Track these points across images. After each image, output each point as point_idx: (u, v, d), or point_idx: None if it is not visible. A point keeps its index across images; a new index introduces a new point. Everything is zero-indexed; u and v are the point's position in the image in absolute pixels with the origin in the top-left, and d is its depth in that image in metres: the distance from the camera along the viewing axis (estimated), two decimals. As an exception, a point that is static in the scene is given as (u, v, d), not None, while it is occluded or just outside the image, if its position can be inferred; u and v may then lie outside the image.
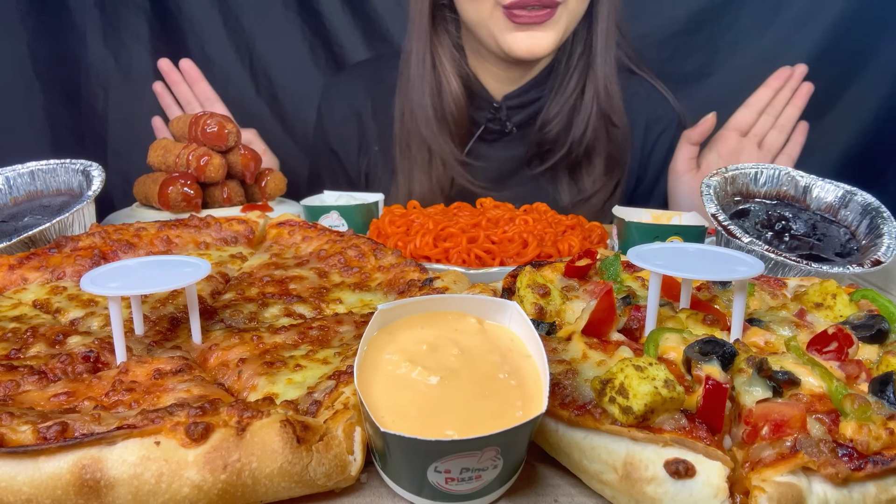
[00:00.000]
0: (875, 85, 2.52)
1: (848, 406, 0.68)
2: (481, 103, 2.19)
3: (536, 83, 2.16)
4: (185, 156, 1.73)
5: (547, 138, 2.16)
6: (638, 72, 2.29)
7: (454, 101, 2.12)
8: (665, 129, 2.29)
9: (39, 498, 0.66)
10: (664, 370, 0.71)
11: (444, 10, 2.11)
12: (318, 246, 1.29)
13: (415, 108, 2.15)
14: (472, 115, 2.19)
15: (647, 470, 0.67)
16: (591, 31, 2.09)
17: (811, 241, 1.37)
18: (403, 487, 0.72)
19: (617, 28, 2.11)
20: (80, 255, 1.20)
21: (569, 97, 2.13)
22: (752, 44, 2.56)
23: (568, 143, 2.14)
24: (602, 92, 2.11)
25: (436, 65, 2.12)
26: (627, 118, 2.20)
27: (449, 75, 2.11)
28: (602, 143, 2.17)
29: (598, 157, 2.18)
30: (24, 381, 0.82)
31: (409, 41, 2.16)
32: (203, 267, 0.89)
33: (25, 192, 1.59)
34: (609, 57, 2.10)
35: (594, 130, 2.13)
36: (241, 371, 0.86)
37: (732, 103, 2.06)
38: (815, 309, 0.94)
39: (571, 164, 2.19)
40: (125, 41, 2.63)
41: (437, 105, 2.12)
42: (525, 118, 2.19)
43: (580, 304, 0.95)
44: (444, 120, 2.13)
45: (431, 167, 2.16)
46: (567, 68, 2.13)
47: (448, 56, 2.12)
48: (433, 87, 2.12)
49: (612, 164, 2.20)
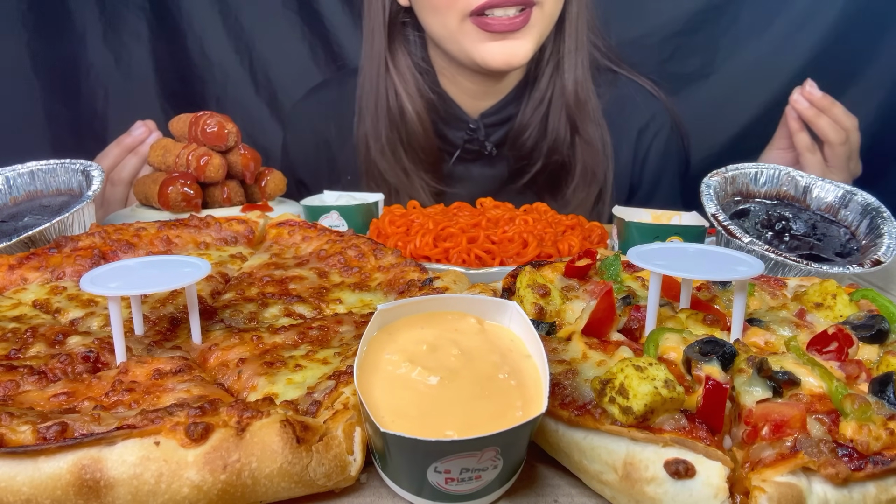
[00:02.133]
0: (875, 85, 2.52)
1: (848, 406, 0.68)
2: (457, 124, 2.06)
3: (513, 98, 2.05)
4: (185, 156, 1.73)
5: (523, 151, 2.05)
6: (620, 70, 2.18)
7: (419, 128, 1.98)
8: (658, 133, 2.18)
9: (39, 498, 0.66)
10: (664, 370, 0.71)
11: (406, 29, 1.98)
12: (318, 246, 1.29)
13: (369, 138, 2.01)
14: (448, 136, 2.07)
15: (647, 470, 0.67)
16: (560, 33, 1.97)
17: (811, 241, 1.37)
18: (403, 488, 0.72)
19: (589, 30, 2.01)
20: (80, 255, 1.19)
21: (539, 104, 2.01)
22: (752, 44, 2.56)
23: (544, 153, 2.03)
24: (571, 98, 1.99)
25: (395, 89, 1.97)
26: (618, 124, 2.10)
27: (412, 101, 1.97)
28: (577, 154, 2.05)
29: (574, 167, 2.06)
30: (24, 381, 0.82)
31: (364, 68, 2.02)
32: (203, 267, 0.89)
33: (25, 192, 1.59)
34: (580, 61, 1.99)
35: (565, 139, 2.02)
36: (240, 371, 0.85)
37: (732, 103, 2.06)
38: (815, 309, 0.94)
39: (550, 177, 2.08)
40: (125, 41, 2.63)
41: (402, 131, 1.99)
42: (503, 135, 2.07)
43: (580, 304, 0.95)
44: (409, 147, 2.00)
45: (400, 198, 2.01)
46: (537, 74, 2.02)
47: (410, 80, 1.98)
48: (391, 114, 1.98)
49: (589, 176, 2.07)
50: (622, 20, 2.41)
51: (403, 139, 2.00)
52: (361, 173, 2.11)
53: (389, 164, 2.01)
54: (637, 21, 2.44)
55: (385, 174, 2.03)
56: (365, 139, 2.05)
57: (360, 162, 2.09)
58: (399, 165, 2.02)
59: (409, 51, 2.00)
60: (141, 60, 2.64)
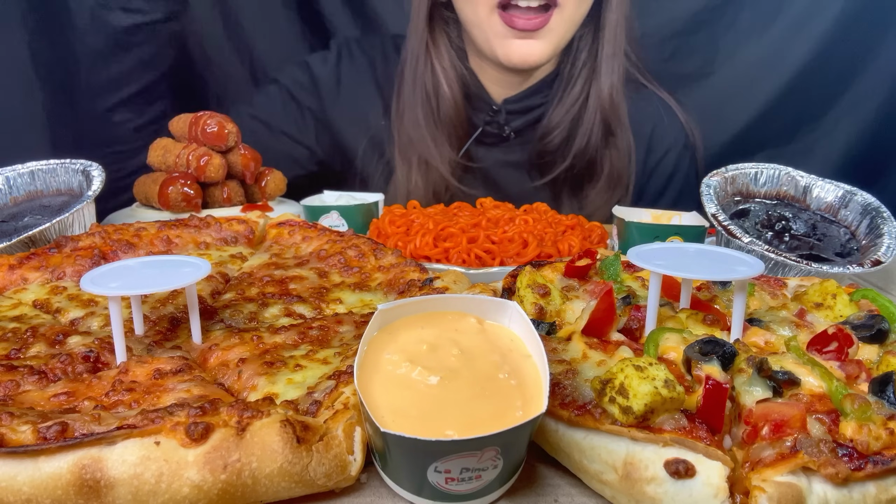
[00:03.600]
0: (875, 85, 2.52)
1: (848, 406, 0.68)
2: (480, 105, 2.16)
3: (538, 89, 2.13)
4: (185, 156, 1.73)
5: (548, 149, 2.12)
6: (648, 85, 2.22)
7: (451, 102, 2.09)
8: (670, 149, 2.23)
9: (39, 498, 0.66)
10: (664, 370, 0.71)
11: (443, 10, 2.09)
12: (318, 246, 1.29)
13: (405, 108, 2.12)
14: (471, 117, 2.16)
15: (647, 470, 0.67)
16: (597, 38, 2.04)
17: (811, 241, 1.37)
18: (403, 487, 0.72)
19: (626, 36, 2.07)
20: (80, 255, 1.19)
21: (571, 106, 2.09)
22: (752, 44, 2.56)
23: (570, 156, 2.10)
24: (607, 102, 2.06)
25: (432, 65, 2.09)
26: (636, 135, 2.15)
27: (446, 75, 2.08)
28: (606, 157, 2.12)
29: (601, 171, 2.13)
30: (24, 381, 0.82)
31: (408, 41, 2.14)
32: (203, 267, 0.89)
33: (25, 192, 1.59)
34: (616, 66, 2.06)
35: (597, 142, 2.08)
36: (241, 371, 0.85)
37: (732, 103, 2.06)
38: (815, 309, 0.94)
39: (574, 178, 2.15)
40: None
41: (434, 106, 2.10)
42: (524, 124, 2.15)
43: (580, 304, 0.95)
44: (439, 121, 2.11)
45: (429, 169, 2.13)
46: (571, 75, 2.09)
47: (445, 56, 2.09)
48: (427, 88, 2.09)
49: (614, 180, 2.15)
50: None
51: (435, 113, 2.11)
52: (395, 144, 2.20)
53: (421, 135, 2.12)
54: (637, 21, 2.43)
55: (416, 146, 2.13)
56: (401, 110, 2.15)
57: (395, 134, 2.19)
58: (430, 137, 2.12)
59: (447, 30, 2.11)
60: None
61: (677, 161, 2.21)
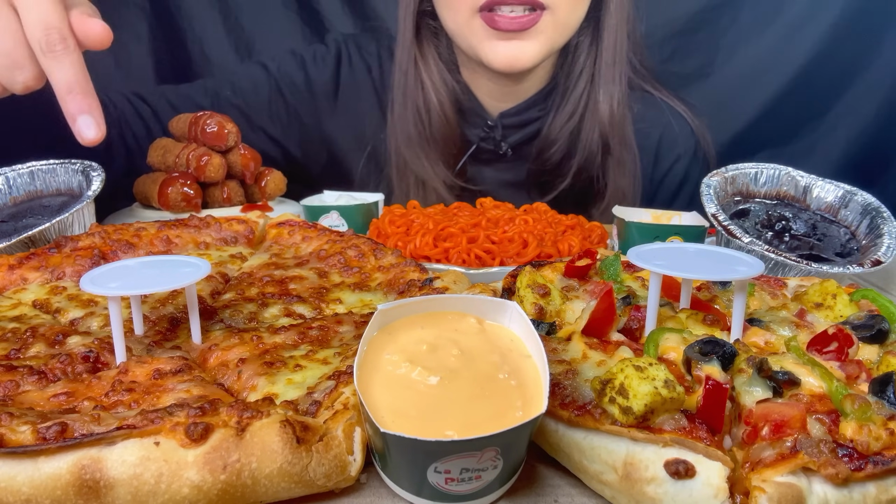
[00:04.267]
0: (875, 85, 2.52)
1: (848, 406, 0.68)
2: (475, 120, 2.02)
3: (535, 101, 1.99)
4: (185, 156, 1.73)
5: (547, 167, 1.98)
6: (655, 93, 2.09)
7: (442, 118, 1.95)
8: (678, 159, 2.09)
9: (39, 498, 0.66)
10: (664, 370, 0.71)
11: (429, 20, 1.95)
12: (318, 246, 1.29)
13: (398, 126, 2.00)
14: (465, 133, 2.02)
15: (647, 470, 0.67)
16: (596, 45, 1.89)
17: (811, 241, 1.37)
18: (403, 488, 0.72)
19: (629, 43, 1.92)
20: (79, 255, 1.19)
21: (570, 117, 1.93)
22: (752, 44, 2.56)
23: (570, 174, 1.95)
24: (607, 114, 1.90)
25: (422, 80, 1.95)
26: (642, 144, 2.01)
27: (436, 90, 1.95)
28: (609, 175, 1.96)
29: (604, 190, 1.97)
30: (24, 381, 0.82)
31: (396, 55, 2.01)
32: (203, 267, 0.89)
33: (25, 191, 1.59)
34: (617, 75, 1.90)
35: (598, 158, 1.93)
36: (240, 371, 0.85)
37: (732, 103, 2.05)
38: (815, 309, 0.94)
39: (576, 198, 1.99)
40: (125, 41, 2.63)
41: (425, 122, 1.96)
42: (521, 139, 2.01)
43: (580, 304, 0.95)
44: (431, 139, 1.97)
45: (426, 190, 2.00)
46: (567, 85, 1.94)
47: (434, 69, 1.95)
48: (418, 104, 1.96)
49: (619, 197, 1.98)
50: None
51: (426, 129, 1.97)
52: (391, 163, 2.09)
53: (414, 153, 1.99)
54: (642, 24, 2.43)
55: (410, 164, 2.01)
56: (394, 127, 2.04)
57: (390, 151, 2.08)
58: (423, 155, 1.99)
59: (435, 42, 1.98)
60: (141, 60, 2.64)
61: (687, 169, 2.08)
